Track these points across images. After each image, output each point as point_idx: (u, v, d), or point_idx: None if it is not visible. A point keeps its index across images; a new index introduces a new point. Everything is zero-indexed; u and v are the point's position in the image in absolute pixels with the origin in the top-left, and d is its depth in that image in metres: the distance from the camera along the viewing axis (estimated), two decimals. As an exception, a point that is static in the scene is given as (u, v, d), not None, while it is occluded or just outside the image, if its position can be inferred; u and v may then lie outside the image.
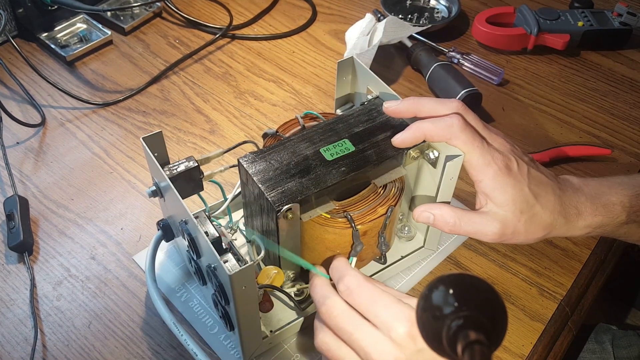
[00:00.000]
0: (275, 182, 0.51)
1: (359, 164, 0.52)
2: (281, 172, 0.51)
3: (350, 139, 0.54)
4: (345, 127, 0.56)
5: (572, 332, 0.61)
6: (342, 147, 0.54)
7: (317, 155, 0.53)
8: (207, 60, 0.89)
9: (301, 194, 0.50)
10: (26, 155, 0.75)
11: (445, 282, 0.31)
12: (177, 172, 0.52)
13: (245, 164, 0.52)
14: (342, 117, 0.57)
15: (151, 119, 0.80)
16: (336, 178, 0.51)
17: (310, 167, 0.52)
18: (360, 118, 0.57)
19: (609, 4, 0.98)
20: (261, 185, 0.50)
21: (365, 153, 0.53)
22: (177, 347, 0.57)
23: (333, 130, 0.55)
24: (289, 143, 0.54)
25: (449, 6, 0.96)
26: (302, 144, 0.54)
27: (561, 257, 0.65)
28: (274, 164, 0.52)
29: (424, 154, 0.55)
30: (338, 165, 0.52)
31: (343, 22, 0.95)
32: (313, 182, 0.51)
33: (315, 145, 0.54)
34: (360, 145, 0.54)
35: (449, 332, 0.30)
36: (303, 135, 0.55)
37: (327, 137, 0.55)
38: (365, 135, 0.55)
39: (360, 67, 0.61)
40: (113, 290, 0.62)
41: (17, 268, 0.63)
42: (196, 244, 0.50)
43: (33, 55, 0.88)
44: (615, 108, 0.83)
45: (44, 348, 0.57)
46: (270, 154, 0.53)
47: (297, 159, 0.53)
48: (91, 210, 0.69)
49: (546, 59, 0.90)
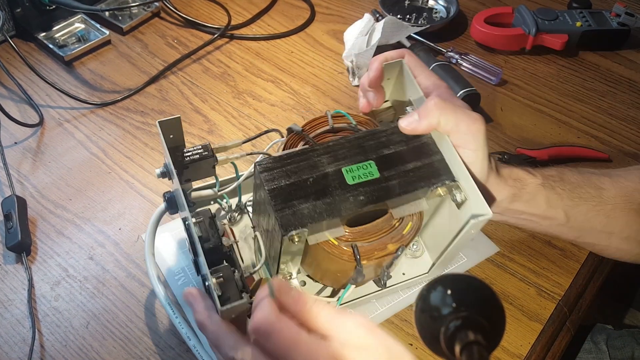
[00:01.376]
0: (288, 199, 0.47)
1: (380, 195, 0.48)
2: (296, 188, 0.47)
3: (376, 162, 0.50)
4: (375, 145, 0.51)
5: (570, 332, 0.61)
6: (366, 171, 0.49)
7: (338, 175, 0.49)
8: (206, 60, 0.89)
9: (312, 219, 0.46)
10: (24, 155, 0.75)
11: (443, 283, 0.31)
12: (190, 159, 0.50)
13: (261, 171, 0.48)
14: (375, 133, 0.51)
15: (149, 119, 0.79)
16: (352, 208, 0.48)
17: (328, 189, 0.48)
18: (393, 137, 0.51)
19: (607, 4, 0.98)
20: (273, 201, 0.47)
21: (389, 183, 0.49)
22: (175, 347, 0.57)
23: (361, 148, 0.50)
24: (311, 153, 0.49)
25: (448, 6, 0.96)
26: (324, 157, 0.49)
27: (559, 257, 0.65)
28: (291, 176, 0.48)
29: (451, 194, 0.51)
30: (357, 192, 0.48)
31: (341, 22, 0.95)
32: (327, 209, 0.47)
33: (339, 162, 0.49)
34: (385, 172, 0.49)
35: (447, 333, 0.30)
36: (328, 146, 0.50)
37: (353, 154, 0.50)
38: (394, 160, 0.50)
39: (407, 75, 0.55)
40: (111, 291, 0.62)
41: (15, 268, 0.63)
42: (194, 246, 0.48)
43: (31, 55, 0.88)
44: (613, 108, 0.83)
45: (42, 348, 0.57)
46: (289, 163, 0.48)
47: (316, 176, 0.48)
48: (89, 210, 0.69)
49: (544, 59, 0.90)
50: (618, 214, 0.55)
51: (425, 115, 0.50)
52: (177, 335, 0.58)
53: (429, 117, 0.49)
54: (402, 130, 0.51)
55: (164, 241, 0.65)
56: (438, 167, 0.51)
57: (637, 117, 0.82)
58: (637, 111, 0.83)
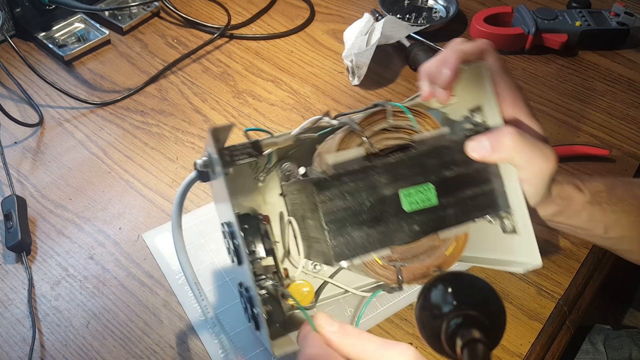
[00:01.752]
0: (342, 225, 0.45)
1: (435, 225, 0.47)
2: (352, 214, 0.45)
3: (436, 186, 0.47)
4: (436, 165, 0.48)
5: (570, 331, 0.61)
6: (424, 196, 0.47)
7: (395, 200, 0.46)
8: (205, 60, 0.89)
9: (365, 250, 0.45)
10: (24, 155, 0.75)
11: (444, 281, 0.31)
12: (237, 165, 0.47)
13: (318, 191, 0.45)
14: (437, 150, 0.48)
15: (149, 119, 0.79)
16: (405, 239, 0.46)
17: (383, 216, 0.46)
18: (456, 156, 0.48)
19: (606, 4, 0.98)
20: (327, 226, 0.45)
21: (446, 212, 0.47)
22: (175, 346, 0.57)
23: (422, 166, 0.47)
24: (370, 171, 0.46)
25: (447, 6, 0.96)
26: (383, 177, 0.46)
27: (559, 257, 0.65)
28: (348, 198, 0.45)
29: (501, 221, 0.51)
30: (413, 220, 0.46)
31: (341, 22, 0.95)
32: (380, 239, 0.46)
33: (397, 183, 0.47)
34: (444, 200, 0.47)
35: (448, 331, 0.30)
36: (388, 163, 0.47)
37: (413, 173, 0.47)
38: (454, 185, 0.48)
39: (486, 80, 0.49)
40: (111, 290, 0.62)
41: (15, 268, 0.63)
42: (239, 255, 0.47)
43: (31, 55, 0.88)
44: (613, 108, 0.83)
45: (42, 348, 0.57)
46: (346, 182, 0.46)
47: (373, 199, 0.46)
48: (89, 210, 0.69)
49: (544, 59, 0.90)
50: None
51: (497, 149, 0.47)
52: (177, 334, 0.58)
53: (501, 152, 0.47)
54: (469, 155, 0.48)
55: (164, 241, 0.65)
56: (496, 195, 0.50)
57: (636, 117, 0.82)
58: (636, 110, 0.83)
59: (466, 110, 0.53)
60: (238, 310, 0.59)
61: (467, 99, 0.52)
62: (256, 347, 0.57)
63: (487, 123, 0.50)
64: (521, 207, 0.49)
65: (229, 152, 0.46)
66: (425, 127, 0.51)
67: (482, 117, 0.51)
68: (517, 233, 0.50)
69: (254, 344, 0.57)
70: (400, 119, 0.50)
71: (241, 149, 0.47)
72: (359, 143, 0.48)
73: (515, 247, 0.52)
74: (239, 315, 0.59)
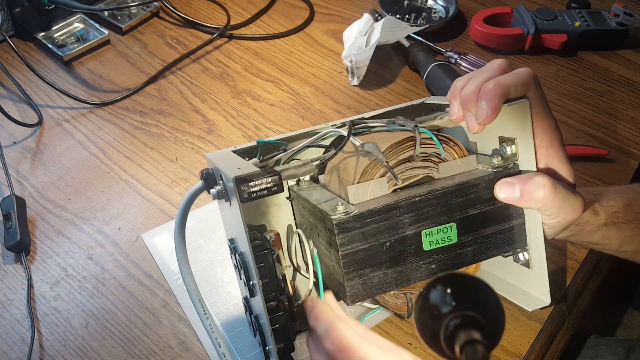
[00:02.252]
0: (360, 267, 0.44)
1: (452, 263, 0.47)
2: (371, 255, 0.44)
3: (458, 225, 0.47)
4: (461, 204, 0.47)
5: (569, 332, 0.61)
6: (445, 235, 0.46)
7: (416, 240, 0.46)
8: (205, 60, 0.89)
9: (380, 290, 0.45)
10: (23, 155, 0.75)
11: (443, 282, 0.31)
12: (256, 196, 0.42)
13: (338, 232, 0.43)
14: (464, 188, 0.47)
15: (148, 119, 0.79)
16: (422, 277, 0.46)
17: (403, 256, 0.45)
18: (483, 194, 0.47)
19: (605, 4, 0.98)
20: (345, 268, 0.44)
21: (465, 250, 0.47)
22: (174, 346, 0.57)
23: (447, 206, 0.46)
24: (394, 212, 0.45)
25: (447, 6, 0.96)
26: (407, 217, 0.45)
27: (558, 257, 0.65)
28: (369, 239, 0.44)
29: (515, 255, 0.51)
30: (431, 259, 0.46)
31: (341, 22, 0.95)
32: (397, 277, 0.45)
33: (420, 224, 0.46)
34: (463, 238, 0.47)
35: (446, 332, 0.30)
36: (414, 203, 0.45)
37: (437, 213, 0.46)
38: (476, 223, 0.47)
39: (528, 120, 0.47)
40: (110, 290, 0.61)
41: (14, 268, 0.63)
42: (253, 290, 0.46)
43: (30, 55, 0.88)
44: (612, 108, 0.83)
45: (41, 348, 0.57)
46: (369, 223, 0.44)
47: (394, 240, 0.45)
48: (88, 210, 0.69)
49: (543, 59, 0.90)
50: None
51: (527, 199, 0.46)
52: (176, 334, 0.58)
53: (530, 202, 0.46)
54: (496, 195, 0.48)
55: (164, 241, 0.65)
56: (515, 232, 0.49)
57: (635, 117, 0.82)
58: (635, 111, 0.83)
59: (496, 136, 0.50)
60: (236, 311, 0.59)
61: (500, 127, 0.50)
62: (255, 348, 0.57)
63: (517, 159, 0.49)
64: (539, 244, 0.49)
65: (246, 186, 0.42)
66: (452, 154, 0.49)
67: (514, 151, 0.49)
68: (530, 268, 0.49)
69: (252, 344, 0.57)
70: (427, 147, 0.48)
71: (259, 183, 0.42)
72: (382, 173, 0.47)
73: (525, 278, 0.51)
74: (238, 316, 0.59)
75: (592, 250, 0.66)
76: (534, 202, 0.46)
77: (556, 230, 0.49)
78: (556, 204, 0.46)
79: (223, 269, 0.63)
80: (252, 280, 0.45)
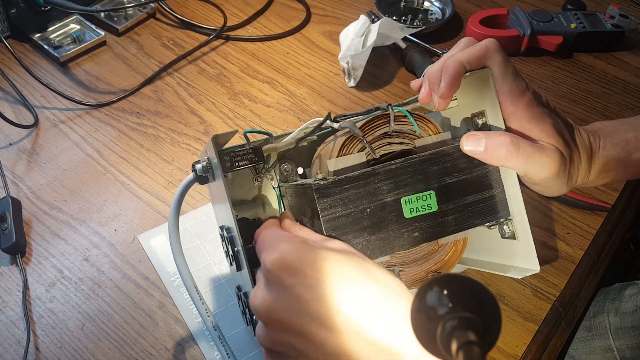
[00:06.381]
0: (342, 232, 0.45)
1: (434, 231, 0.48)
2: (352, 221, 0.46)
3: (437, 193, 0.48)
4: (438, 172, 0.48)
5: (565, 333, 0.62)
6: (425, 203, 0.47)
7: (396, 206, 0.47)
8: (201, 62, 0.89)
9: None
10: (19, 156, 0.74)
11: (439, 283, 0.31)
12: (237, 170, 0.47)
13: (319, 197, 0.45)
14: (439, 156, 0.48)
15: (145, 120, 0.79)
16: (404, 246, 0.47)
17: (384, 222, 0.46)
18: (459, 163, 0.49)
19: (601, 6, 0.99)
20: (327, 233, 0.45)
21: (446, 218, 0.48)
22: (170, 348, 0.57)
23: (424, 174, 0.48)
24: (372, 178, 0.46)
25: (443, 8, 0.96)
26: (385, 184, 0.46)
27: (555, 258, 0.65)
28: (349, 204, 0.46)
29: (499, 226, 0.51)
30: (413, 227, 0.47)
31: (337, 24, 0.95)
32: (380, 245, 0.46)
33: (399, 191, 0.47)
34: (444, 206, 0.48)
35: (443, 333, 0.30)
36: (391, 171, 0.47)
37: (415, 181, 0.47)
38: (455, 191, 0.48)
39: (490, 85, 0.50)
40: (106, 292, 0.61)
41: (9, 270, 0.63)
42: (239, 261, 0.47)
43: (26, 56, 0.87)
44: (608, 110, 0.83)
45: (37, 350, 0.57)
46: (348, 188, 0.45)
47: (374, 206, 0.46)
48: (84, 211, 0.69)
49: (539, 61, 0.91)
50: None
51: (491, 154, 0.47)
52: (172, 336, 0.58)
53: (493, 158, 0.47)
54: (462, 149, 0.48)
55: (160, 243, 0.65)
56: (497, 201, 0.50)
57: (631, 119, 0.82)
58: (631, 112, 0.83)
59: (469, 114, 0.53)
60: (234, 312, 0.59)
61: (470, 102, 0.52)
62: (253, 349, 0.56)
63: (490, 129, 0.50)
64: (521, 213, 0.50)
65: (229, 157, 0.46)
66: (427, 132, 0.51)
67: (484, 121, 0.51)
68: (516, 239, 0.50)
69: (250, 345, 0.57)
70: (402, 124, 0.50)
71: (242, 154, 0.47)
72: (360, 148, 0.48)
73: (513, 252, 0.52)
74: (235, 317, 0.59)
75: (588, 251, 0.66)
76: (496, 158, 0.47)
77: (552, 189, 0.50)
78: (521, 162, 0.47)
79: (220, 270, 0.63)
80: (236, 247, 0.46)
